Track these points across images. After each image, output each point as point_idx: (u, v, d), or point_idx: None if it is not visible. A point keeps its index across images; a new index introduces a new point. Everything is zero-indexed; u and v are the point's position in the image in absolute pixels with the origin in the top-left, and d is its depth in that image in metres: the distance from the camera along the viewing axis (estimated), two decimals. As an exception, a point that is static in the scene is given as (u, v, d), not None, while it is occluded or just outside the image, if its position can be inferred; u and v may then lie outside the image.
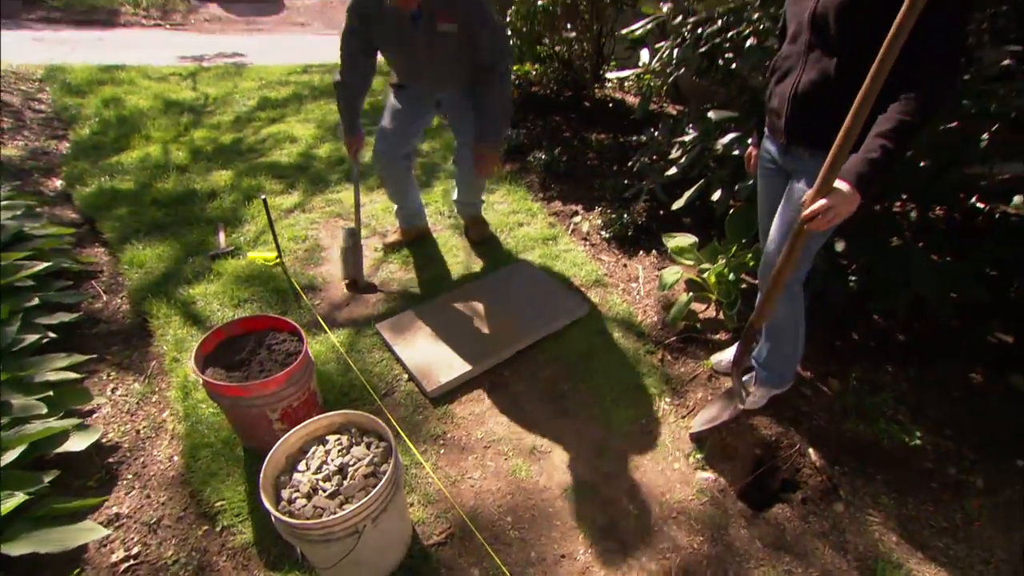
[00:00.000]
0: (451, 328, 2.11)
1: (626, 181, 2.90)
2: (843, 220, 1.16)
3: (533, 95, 4.54)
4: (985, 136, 1.77)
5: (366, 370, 1.97)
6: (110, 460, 1.71)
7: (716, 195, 2.26)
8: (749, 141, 1.77)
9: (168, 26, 9.92)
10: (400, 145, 2.28)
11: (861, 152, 1.12)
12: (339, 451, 1.29)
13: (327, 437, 1.33)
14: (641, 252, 2.68)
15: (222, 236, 2.70)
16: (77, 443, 1.60)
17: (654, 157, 2.85)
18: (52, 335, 1.95)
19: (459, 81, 2.11)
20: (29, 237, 2.27)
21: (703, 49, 2.20)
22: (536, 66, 4.44)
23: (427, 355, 1.98)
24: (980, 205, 2.05)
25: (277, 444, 1.28)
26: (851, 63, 1.15)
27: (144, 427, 1.82)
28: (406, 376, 1.96)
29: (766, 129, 1.51)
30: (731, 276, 2.13)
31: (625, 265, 2.60)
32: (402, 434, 1.72)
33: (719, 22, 2.18)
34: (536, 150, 3.50)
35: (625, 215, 2.76)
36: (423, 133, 2.39)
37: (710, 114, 2.24)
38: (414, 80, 2.15)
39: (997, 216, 1.96)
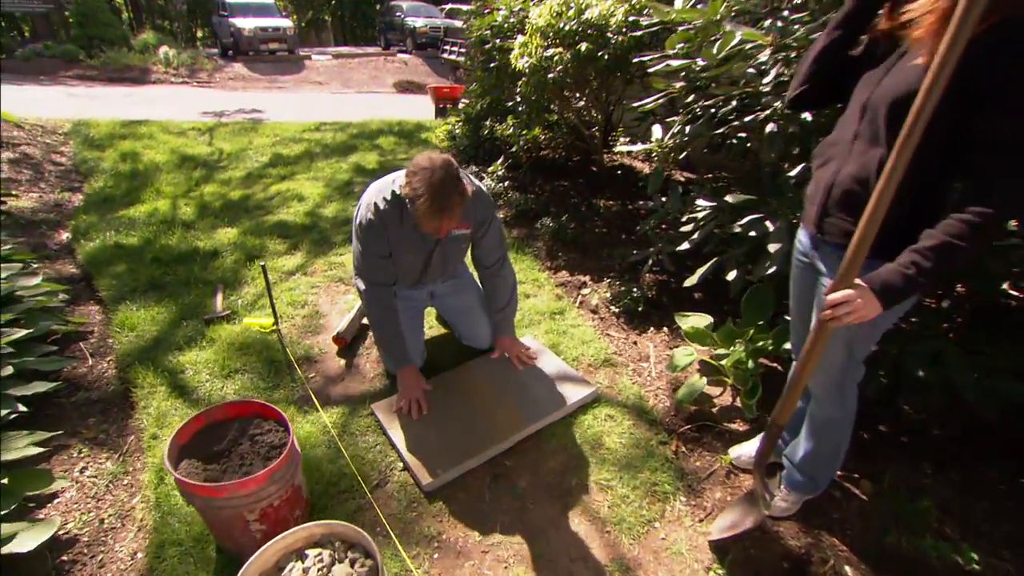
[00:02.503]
0: (451, 411, 1.97)
1: (635, 251, 2.84)
2: (862, 322, 1.05)
3: (542, 159, 4.59)
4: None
5: (358, 456, 1.82)
6: (63, 559, 1.53)
7: (731, 275, 2.17)
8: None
9: (195, 83, 10.45)
10: (418, 347, 2.20)
11: (895, 262, 1.03)
12: (319, 570, 1.14)
13: (306, 552, 1.19)
14: (652, 328, 2.57)
15: (219, 298, 2.63)
16: (25, 543, 1.42)
17: (663, 225, 2.80)
18: (22, 408, 1.83)
19: (452, 271, 2.22)
20: (18, 299, 2.19)
21: (718, 131, 2.19)
22: (545, 131, 4.51)
23: (424, 442, 1.83)
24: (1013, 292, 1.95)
25: (250, 560, 1.13)
26: None
27: (110, 515, 1.66)
28: (400, 465, 1.81)
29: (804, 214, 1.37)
30: (749, 362, 2.01)
31: (635, 343, 2.49)
32: (392, 535, 1.55)
33: (734, 102, 2.17)
34: (544, 216, 3.47)
35: (635, 289, 2.68)
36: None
37: (728, 198, 2.18)
38: (414, 281, 2.11)
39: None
